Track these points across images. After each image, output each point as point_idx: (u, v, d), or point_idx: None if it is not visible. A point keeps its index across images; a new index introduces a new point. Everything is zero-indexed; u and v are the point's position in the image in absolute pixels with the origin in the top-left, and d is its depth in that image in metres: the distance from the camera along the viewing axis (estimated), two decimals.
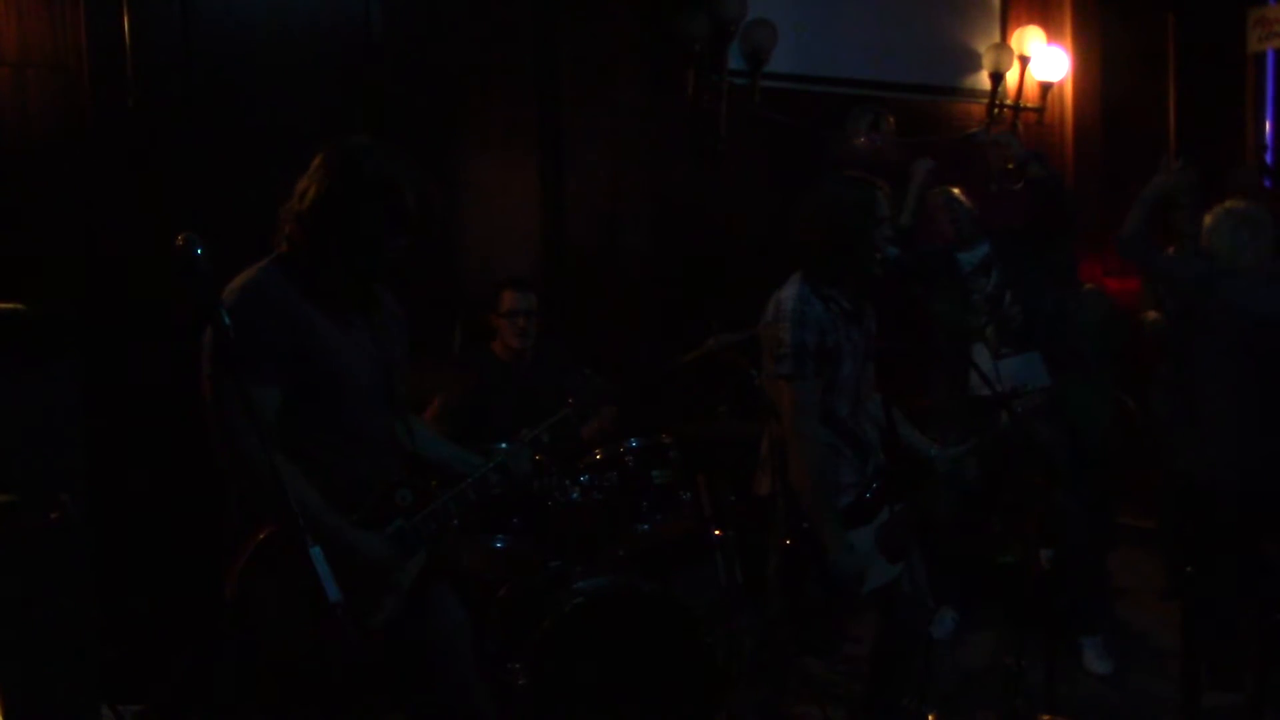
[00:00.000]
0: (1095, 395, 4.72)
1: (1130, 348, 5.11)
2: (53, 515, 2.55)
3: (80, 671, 2.76)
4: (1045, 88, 5.95)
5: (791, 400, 2.91)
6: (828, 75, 5.41)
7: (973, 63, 5.82)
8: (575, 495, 3.54)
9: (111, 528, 3.01)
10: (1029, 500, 3.65)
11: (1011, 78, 5.84)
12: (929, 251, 4.40)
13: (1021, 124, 5.88)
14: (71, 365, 2.74)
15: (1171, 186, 4.03)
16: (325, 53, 4.24)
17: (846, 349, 2.99)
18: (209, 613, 3.30)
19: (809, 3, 5.36)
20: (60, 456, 2.68)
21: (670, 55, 4.97)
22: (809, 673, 3.85)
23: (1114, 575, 4.30)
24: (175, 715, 3.57)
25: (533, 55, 4.72)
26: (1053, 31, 5.95)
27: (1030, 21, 5.89)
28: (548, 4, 4.72)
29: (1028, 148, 4.65)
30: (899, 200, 4.32)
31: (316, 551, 1.80)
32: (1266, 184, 5.39)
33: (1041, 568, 4.25)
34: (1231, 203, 3.87)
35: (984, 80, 5.79)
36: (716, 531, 3.64)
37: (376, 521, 2.37)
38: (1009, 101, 5.86)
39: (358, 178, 2.28)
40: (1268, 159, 5.39)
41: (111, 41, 3.82)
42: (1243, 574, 3.70)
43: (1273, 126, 5.49)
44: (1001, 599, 4.45)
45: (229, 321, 1.92)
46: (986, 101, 5.79)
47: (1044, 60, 5.85)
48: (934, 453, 3.16)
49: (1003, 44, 5.81)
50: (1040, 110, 5.96)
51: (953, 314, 4.15)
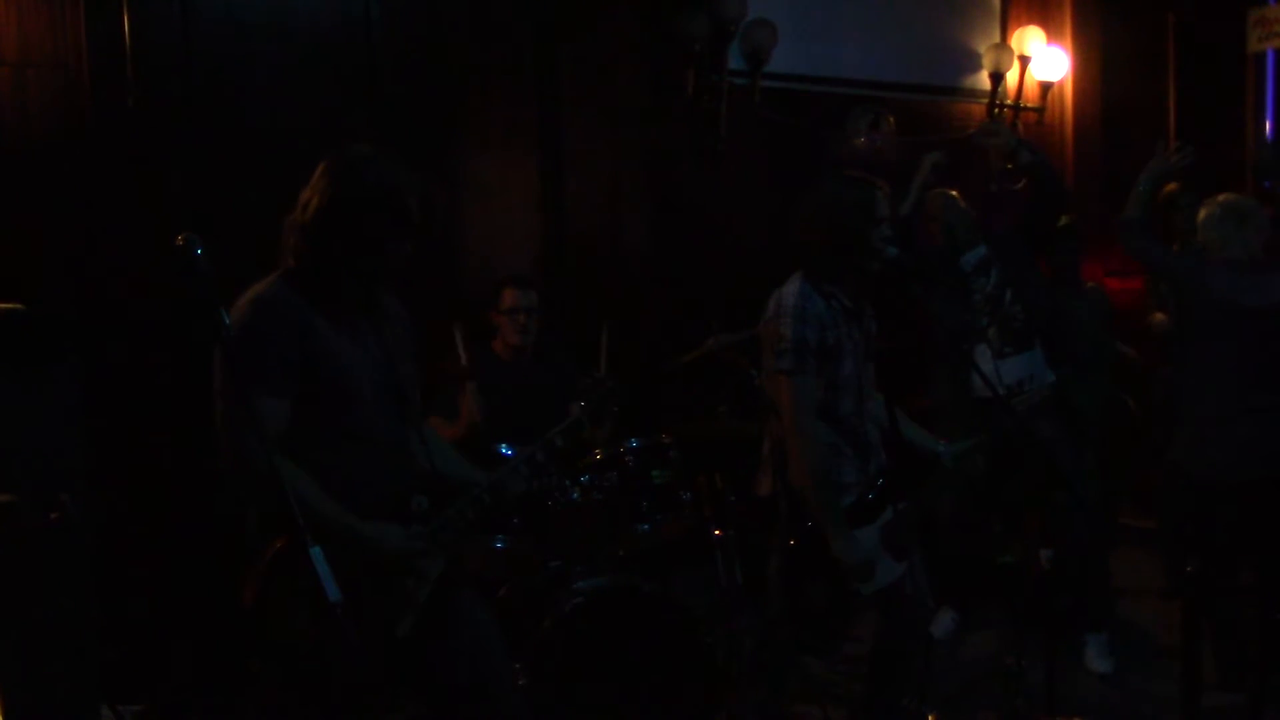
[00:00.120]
0: (1094, 394, 4.73)
1: (1133, 348, 5.11)
2: (53, 515, 2.56)
3: (80, 671, 2.76)
4: (1045, 88, 5.96)
5: (791, 396, 2.91)
6: (828, 75, 5.41)
7: (973, 63, 5.83)
8: (575, 495, 3.54)
9: (111, 528, 3.02)
10: (1030, 500, 3.65)
11: (1011, 78, 5.84)
12: (929, 251, 4.39)
13: (1021, 124, 5.89)
14: (71, 365, 2.75)
15: (1169, 169, 4.04)
16: (325, 53, 4.24)
17: (847, 347, 3.00)
18: (210, 613, 3.32)
19: (809, 3, 5.35)
20: (60, 456, 2.68)
21: (670, 55, 4.96)
22: (809, 673, 3.84)
23: (1114, 575, 4.31)
24: (175, 715, 3.57)
25: (533, 55, 4.71)
26: (1053, 31, 5.96)
27: (1030, 21, 5.90)
28: (547, 4, 4.71)
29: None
30: (900, 196, 4.32)
31: (317, 551, 1.80)
32: (1266, 185, 5.39)
33: (1041, 568, 4.25)
34: (1224, 196, 3.90)
35: (984, 80, 5.80)
36: (716, 531, 3.64)
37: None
38: (1009, 101, 5.87)
39: (360, 186, 2.29)
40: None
41: (111, 41, 3.82)
42: (1252, 570, 3.71)
43: (1273, 126, 5.48)
44: (1001, 599, 4.45)
45: (228, 321, 1.92)
46: (986, 102, 5.79)
47: (1044, 60, 5.86)
48: (940, 449, 3.16)
49: (1003, 44, 5.82)
50: (1040, 110, 5.97)
51: (953, 314, 4.15)
